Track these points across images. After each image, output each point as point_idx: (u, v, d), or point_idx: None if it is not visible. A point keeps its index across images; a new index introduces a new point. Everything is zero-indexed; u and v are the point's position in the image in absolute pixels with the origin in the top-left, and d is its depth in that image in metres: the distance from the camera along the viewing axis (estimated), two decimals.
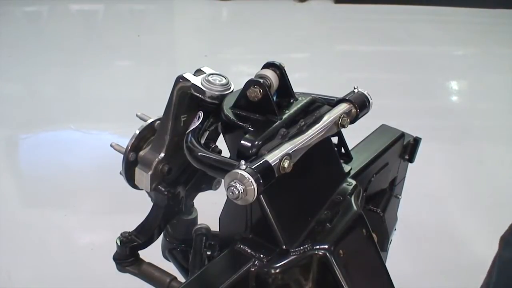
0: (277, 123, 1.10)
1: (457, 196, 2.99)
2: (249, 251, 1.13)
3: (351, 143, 1.50)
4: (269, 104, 1.12)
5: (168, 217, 1.39)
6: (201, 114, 1.19)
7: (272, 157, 0.99)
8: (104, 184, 2.95)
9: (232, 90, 1.21)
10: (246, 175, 0.93)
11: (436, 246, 2.67)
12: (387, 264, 1.29)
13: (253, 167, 0.95)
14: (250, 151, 1.03)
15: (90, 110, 3.86)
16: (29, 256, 2.58)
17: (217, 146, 1.30)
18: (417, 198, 2.90)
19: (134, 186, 1.34)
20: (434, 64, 4.64)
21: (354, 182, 1.31)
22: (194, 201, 1.48)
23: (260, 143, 1.04)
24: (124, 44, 4.90)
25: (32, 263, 2.55)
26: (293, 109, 1.16)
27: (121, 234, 1.37)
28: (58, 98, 4.04)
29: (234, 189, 0.94)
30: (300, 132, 1.10)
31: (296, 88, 1.21)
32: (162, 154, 1.27)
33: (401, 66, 4.51)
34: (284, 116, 1.13)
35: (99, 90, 4.10)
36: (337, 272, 1.12)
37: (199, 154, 1.07)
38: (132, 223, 1.40)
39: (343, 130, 1.25)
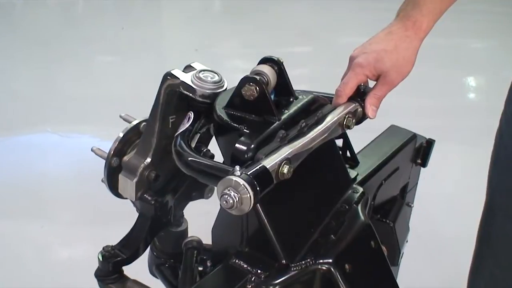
0: (275, 125, 1.10)
1: (476, 204, 2.98)
2: (245, 266, 1.13)
3: (357, 146, 1.51)
4: (266, 103, 1.12)
5: (155, 229, 1.39)
6: (191, 114, 1.19)
7: (270, 162, 0.99)
8: (84, 192, 2.94)
9: (226, 88, 1.21)
10: (241, 182, 0.93)
11: (453, 260, 2.66)
12: (398, 280, 1.29)
13: (249, 173, 0.95)
14: (246, 156, 1.03)
15: (69, 110, 3.86)
16: (1, 272, 2.58)
17: (209, 150, 1.30)
18: (431, 206, 2.90)
19: (118, 194, 1.33)
20: (449, 58, 4.65)
21: (361, 189, 1.31)
22: (184, 211, 1.48)
23: (256, 146, 1.04)
24: (106, 38, 4.91)
25: (5, 280, 2.54)
26: (293, 108, 1.16)
27: (103, 248, 1.37)
28: (34, 97, 4.04)
29: (228, 198, 0.94)
30: (301, 134, 1.10)
31: (296, 86, 1.21)
32: (149, 159, 1.27)
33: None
34: (283, 117, 1.13)
35: (78, 89, 4.10)
36: None
37: (189, 159, 1.07)
38: (115, 236, 1.39)
39: (348, 131, 1.25)
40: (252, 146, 1.04)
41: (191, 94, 1.19)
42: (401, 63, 1.23)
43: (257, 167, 0.97)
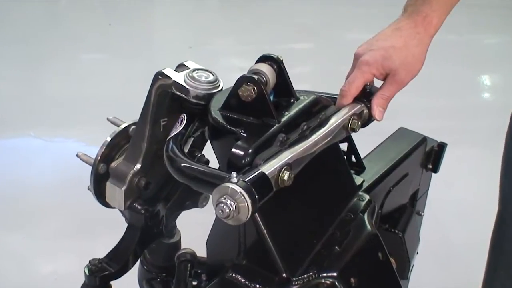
0: (274, 128, 1.10)
1: (491, 211, 2.99)
2: (242, 280, 1.13)
3: (363, 151, 1.51)
4: (265, 104, 1.12)
5: (146, 241, 1.39)
6: (184, 117, 1.19)
7: (269, 168, 0.99)
8: (69, 201, 2.94)
9: (221, 89, 1.21)
10: (238, 189, 0.93)
11: (466, 271, 2.66)
12: None
13: (246, 179, 0.95)
14: (243, 161, 1.03)
15: (52, 113, 3.86)
16: None
17: (203, 156, 1.30)
18: (444, 215, 2.91)
19: (105, 203, 1.33)
20: (461, 55, 4.66)
21: (367, 197, 1.31)
22: (177, 221, 1.48)
23: (254, 151, 1.04)
24: (92, 35, 4.91)
25: None
26: (293, 110, 1.16)
27: (89, 262, 1.36)
28: (15, 99, 4.04)
29: (224, 207, 0.94)
30: (302, 137, 1.10)
31: (297, 86, 1.21)
32: (138, 166, 1.27)
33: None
34: (283, 119, 1.13)
35: (63, 90, 4.10)
36: None
37: (182, 165, 1.07)
38: (102, 248, 1.39)
39: (353, 134, 1.26)
40: (250, 150, 1.04)
41: (184, 95, 1.19)
42: (410, 61, 1.23)
43: (255, 174, 0.97)
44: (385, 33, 1.26)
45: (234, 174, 0.96)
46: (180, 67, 1.25)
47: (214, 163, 1.19)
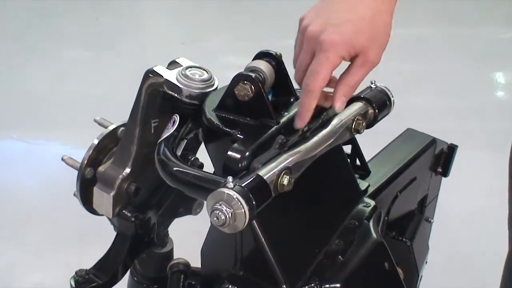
0: (273, 129, 1.11)
1: (506, 219, 2.99)
2: None
3: (368, 153, 1.51)
4: (263, 104, 1.12)
5: (136, 250, 1.39)
6: (176, 118, 1.19)
7: (268, 172, 0.99)
8: (53, 208, 2.94)
9: (216, 87, 1.22)
10: (235, 195, 0.93)
11: (480, 285, 2.66)
12: None
13: (243, 184, 0.95)
14: (240, 165, 1.03)
15: (36, 114, 3.86)
16: None
17: (197, 159, 1.31)
18: (454, 222, 2.91)
19: (92, 210, 1.33)
20: (474, 51, 4.66)
21: (372, 203, 1.32)
22: (169, 229, 1.48)
23: (252, 154, 1.04)
24: (79, 30, 4.91)
25: None
26: (293, 110, 1.16)
27: (76, 273, 1.36)
28: None
29: (220, 213, 0.94)
30: (303, 139, 1.10)
31: (297, 84, 1.22)
32: (128, 170, 1.27)
33: (432, 53, 4.53)
34: (283, 120, 1.13)
35: (47, 89, 4.10)
36: None
37: (175, 169, 1.07)
38: (90, 258, 1.39)
39: (357, 136, 1.26)
40: (247, 153, 1.04)
41: (176, 94, 1.20)
42: (381, 34, 1.09)
43: (253, 178, 0.97)
44: (344, 0, 1.08)
45: (230, 178, 0.96)
46: (172, 64, 1.25)
47: (208, 167, 1.19)
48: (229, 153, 1.04)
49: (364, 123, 1.20)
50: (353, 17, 1.06)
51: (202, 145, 1.23)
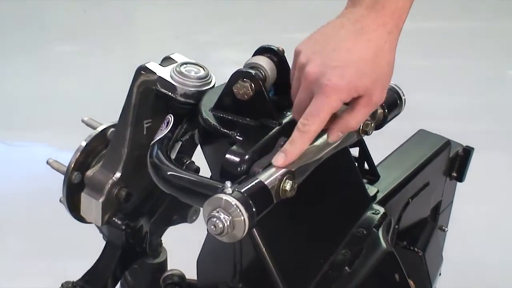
0: (274, 130, 1.11)
1: None
2: None
3: (377, 156, 1.51)
4: (263, 103, 1.12)
5: (127, 261, 1.39)
6: (170, 118, 1.19)
7: (269, 177, 0.99)
8: (38, 216, 2.94)
9: (213, 85, 1.22)
10: (233, 201, 0.93)
11: None
12: None
13: (242, 190, 0.95)
14: (239, 169, 1.03)
15: (19, 113, 3.86)
16: None
17: (193, 163, 1.31)
18: (470, 230, 2.90)
19: (80, 218, 1.34)
20: (492, 46, 4.66)
21: (382, 210, 1.32)
22: (163, 238, 1.48)
23: (251, 157, 1.05)
24: (65, 23, 4.91)
25: None
26: None
27: (62, 285, 1.37)
28: None
29: (217, 221, 0.94)
30: None
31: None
32: (118, 174, 1.28)
33: (446, 48, 4.52)
34: (285, 120, 1.14)
35: (30, 86, 4.10)
36: None
37: (169, 173, 1.08)
38: (77, 269, 1.40)
39: (366, 138, 1.26)
40: (247, 157, 1.04)
41: (170, 93, 1.20)
42: (385, 74, 1.08)
43: (253, 183, 0.97)
44: (344, 37, 1.07)
45: (228, 183, 0.96)
46: (166, 60, 1.26)
47: (205, 171, 1.19)
48: (227, 156, 1.05)
49: (373, 124, 1.20)
50: (354, 58, 1.04)
51: (198, 148, 1.23)
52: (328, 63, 1.04)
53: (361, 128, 1.18)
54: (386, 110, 1.24)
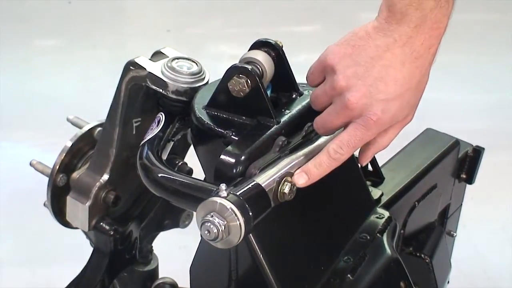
0: (272, 129, 1.11)
1: None
2: None
3: (382, 157, 1.51)
4: (260, 101, 1.12)
5: (116, 268, 1.40)
6: (162, 117, 1.19)
7: (267, 179, 1.00)
8: (20, 220, 2.94)
9: (207, 82, 1.22)
10: (229, 205, 0.94)
11: None
12: None
13: (238, 193, 0.96)
14: (234, 170, 1.04)
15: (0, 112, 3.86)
16: None
17: (185, 164, 1.31)
18: (480, 236, 2.91)
19: (65, 223, 1.34)
20: (504, 39, 4.66)
21: (387, 214, 1.32)
22: (154, 244, 1.48)
23: (248, 158, 1.05)
24: (48, 15, 4.90)
25: None
26: (295, 108, 1.17)
27: None
28: None
29: (212, 226, 0.94)
30: (307, 141, 1.11)
31: (300, 78, 1.22)
32: (106, 176, 1.28)
33: (454, 42, 4.47)
34: (283, 119, 1.14)
35: (12, 83, 4.10)
36: None
37: (160, 175, 1.08)
38: (62, 277, 1.40)
39: None
40: (243, 157, 1.04)
41: (161, 90, 1.20)
42: (421, 95, 1.10)
43: (250, 186, 0.98)
44: (390, 63, 1.04)
45: (223, 186, 0.96)
46: (157, 55, 1.26)
47: (198, 173, 1.19)
48: (222, 156, 1.05)
49: None
50: (401, 90, 1.04)
51: (191, 148, 1.23)
52: (374, 94, 1.03)
53: None
54: None
